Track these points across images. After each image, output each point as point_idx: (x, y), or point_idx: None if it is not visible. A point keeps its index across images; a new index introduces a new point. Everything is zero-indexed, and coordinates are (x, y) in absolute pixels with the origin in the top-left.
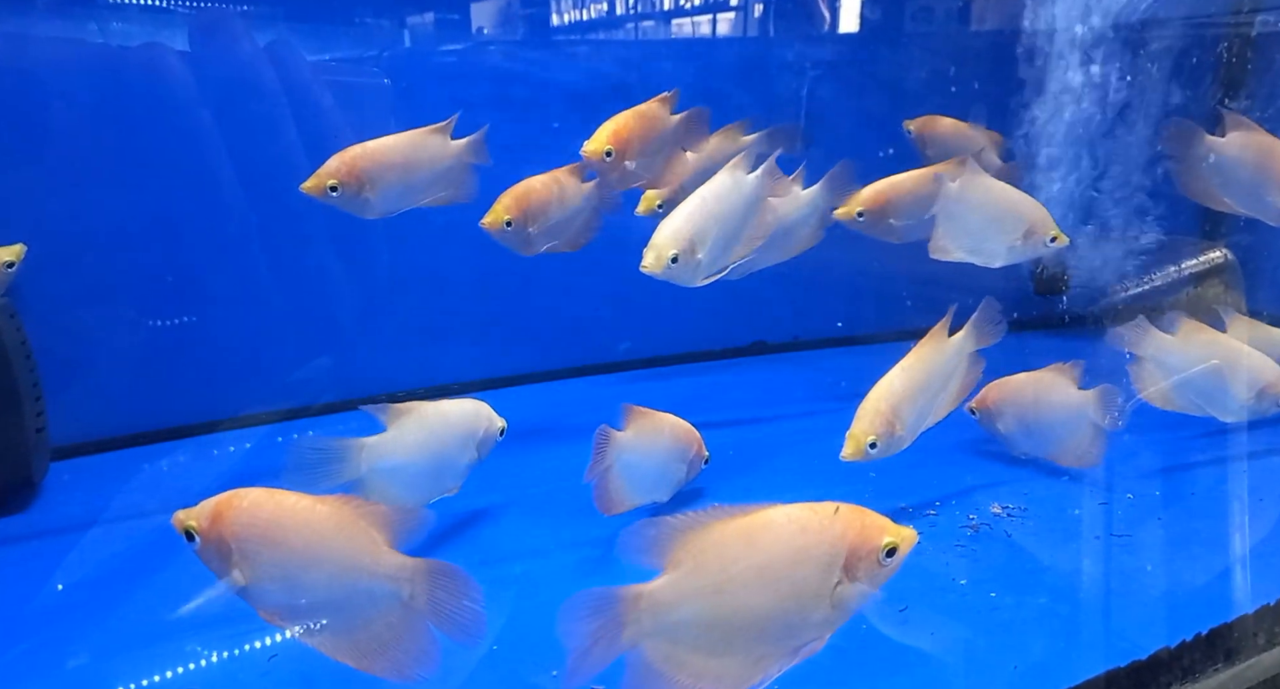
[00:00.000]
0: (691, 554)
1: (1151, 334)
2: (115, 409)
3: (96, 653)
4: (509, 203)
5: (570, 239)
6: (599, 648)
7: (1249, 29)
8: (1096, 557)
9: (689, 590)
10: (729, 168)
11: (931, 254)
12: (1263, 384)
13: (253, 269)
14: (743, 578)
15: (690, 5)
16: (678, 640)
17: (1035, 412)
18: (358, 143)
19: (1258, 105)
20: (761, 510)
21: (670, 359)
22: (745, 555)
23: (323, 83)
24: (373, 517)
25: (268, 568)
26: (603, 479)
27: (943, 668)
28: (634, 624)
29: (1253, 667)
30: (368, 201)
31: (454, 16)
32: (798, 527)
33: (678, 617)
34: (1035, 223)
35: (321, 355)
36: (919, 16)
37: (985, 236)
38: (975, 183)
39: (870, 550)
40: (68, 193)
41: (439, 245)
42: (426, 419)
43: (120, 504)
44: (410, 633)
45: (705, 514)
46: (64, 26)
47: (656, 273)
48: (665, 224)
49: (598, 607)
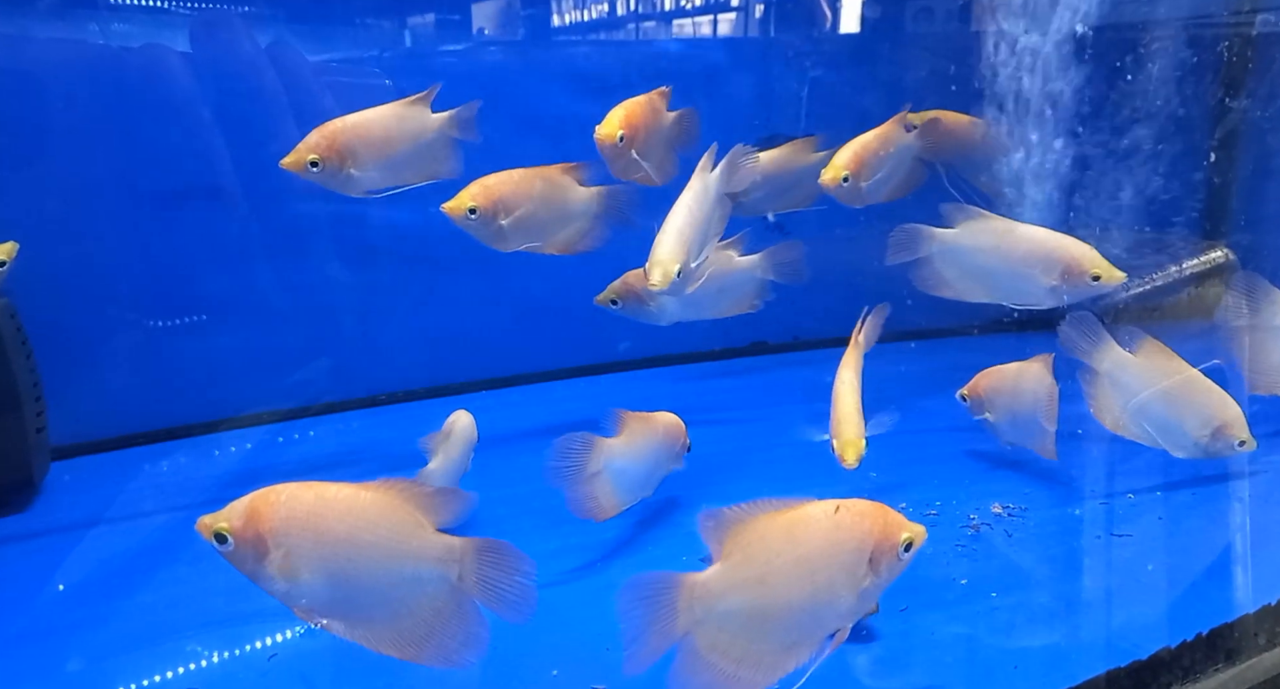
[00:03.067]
0: (740, 546)
1: (1106, 346)
2: (116, 409)
3: (97, 653)
4: (476, 190)
5: (562, 243)
6: (655, 633)
7: (1249, 29)
8: (1097, 556)
9: (737, 581)
10: (699, 171)
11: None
12: (1219, 423)
13: (253, 269)
14: (784, 570)
15: (691, 6)
16: (724, 628)
17: (1018, 400)
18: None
19: (1257, 105)
20: (800, 506)
21: (670, 359)
22: (787, 549)
23: (323, 83)
24: (416, 498)
25: (311, 561)
26: (589, 486)
27: (943, 668)
28: (687, 612)
29: (1253, 667)
30: (350, 177)
31: (454, 17)
32: (832, 523)
33: (726, 606)
34: (1073, 260)
35: (321, 356)
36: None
37: (1014, 282)
38: (992, 230)
39: (891, 546)
40: (68, 194)
41: (439, 245)
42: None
43: (120, 504)
44: (458, 616)
45: (753, 507)
46: (65, 27)
47: (666, 290)
48: (662, 239)
49: (655, 593)
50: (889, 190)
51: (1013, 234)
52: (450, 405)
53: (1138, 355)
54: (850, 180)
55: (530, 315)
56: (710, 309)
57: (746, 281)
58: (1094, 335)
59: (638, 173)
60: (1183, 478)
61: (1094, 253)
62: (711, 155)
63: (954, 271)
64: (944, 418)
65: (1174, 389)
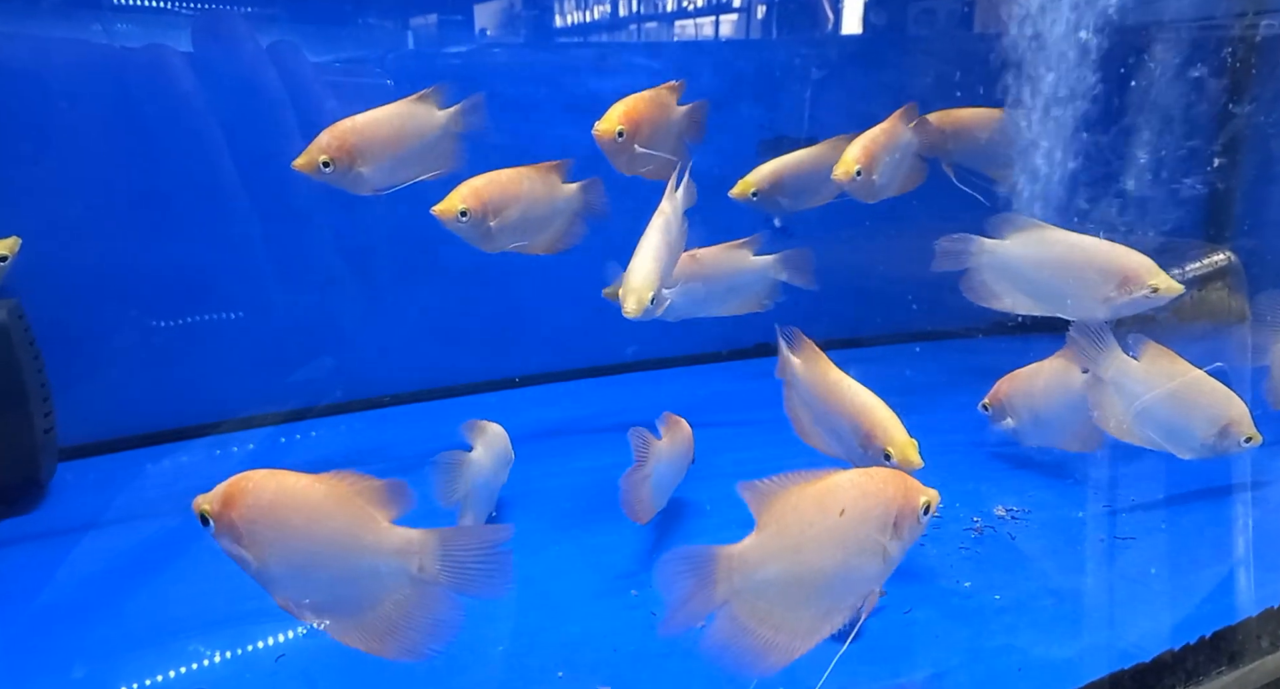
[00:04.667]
0: (774, 517)
1: (1112, 351)
2: (122, 410)
3: (103, 653)
4: (466, 192)
5: (546, 242)
6: (695, 602)
7: (1254, 33)
8: (1101, 559)
9: (774, 550)
10: (667, 195)
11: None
12: (1226, 420)
13: (258, 270)
14: (817, 538)
15: (693, 7)
16: (761, 595)
17: (1045, 399)
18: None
19: (1261, 110)
20: (828, 476)
21: (674, 361)
22: (819, 518)
23: (326, 84)
24: (369, 493)
25: (274, 550)
26: (640, 487)
27: (947, 670)
28: (725, 582)
29: (1256, 669)
30: (360, 176)
31: (457, 18)
32: (860, 491)
33: (764, 575)
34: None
35: (326, 356)
36: (922, 19)
37: (1069, 294)
38: (1044, 240)
39: (913, 510)
40: (73, 194)
41: (443, 246)
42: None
43: (126, 504)
44: (422, 608)
45: (786, 479)
46: (69, 28)
47: (639, 316)
48: (637, 266)
49: (695, 564)
50: (898, 184)
51: (1067, 244)
52: (451, 407)
53: (1141, 360)
54: (862, 174)
55: (534, 317)
56: (720, 307)
57: (759, 281)
58: (1101, 341)
59: (644, 167)
60: (1186, 482)
61: (1151, 263)
62: (675, 176)
63: (1004, 284)
64: (948, 421)
65: (1178, 391)
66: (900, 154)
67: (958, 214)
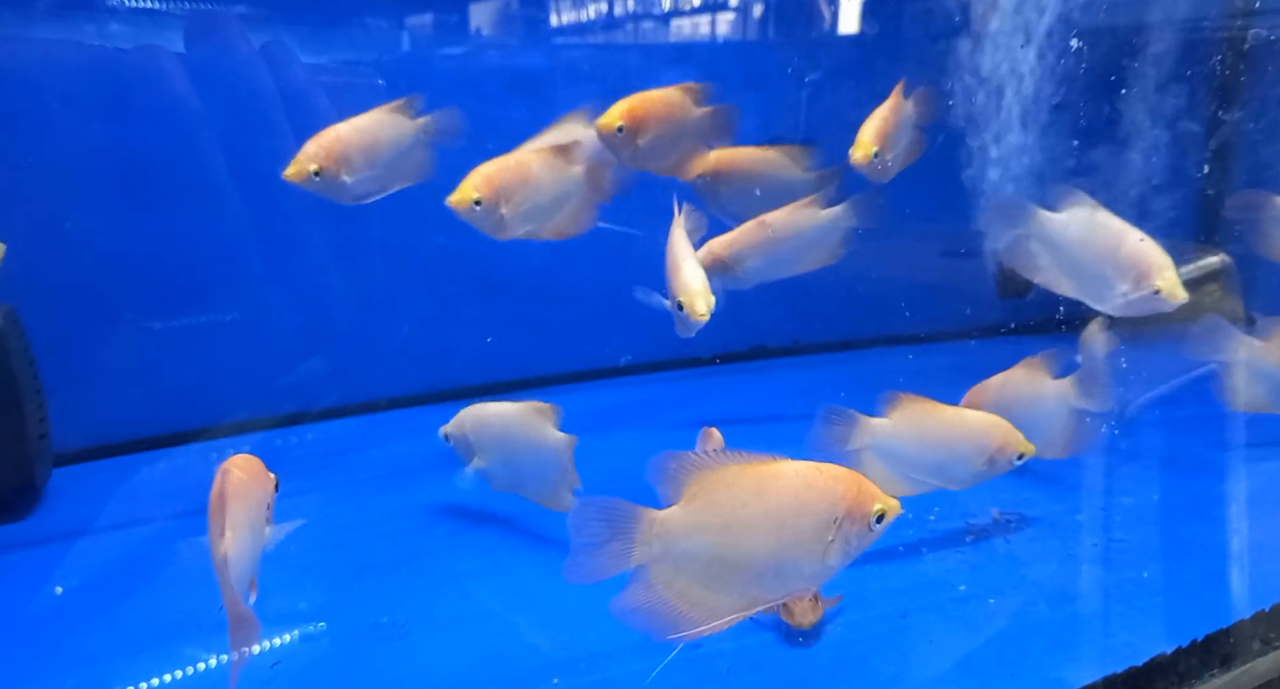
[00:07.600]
0: (705, 490)
1: (1240, 339)
2: (117, 415)
3: (97, 659)
4: (478, 181)
5: (557, 227)
6: (607, 555)
7: (1242, 39)
8: (1094, 563)
9: (699, 523)
10: (677, 217)
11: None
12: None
13: (252, 273)
14: (749, 520)
15: (691, 7)
16: (680, 569)
17: (1014, 408)
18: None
19: (1250, 117)
20: (773, 461)
21: (671, 364)
22: (754, 500)
23: (318, 85)
24: None
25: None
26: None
27: (942, 675)
28: (644, 545)
29: (1249, 672)
30: (344, 185)
31: (452, 18)
32: (804, 482)
33: (685, 546)
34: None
35: (321, 360)
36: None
37: (1093, 280)
38: (1085, 221)
39: (863, 515)
40: (66, 197)
41: (439, 247)
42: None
43: (122, 510)
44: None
45: (722, 456)
46: (62, 29)
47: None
48: (686, 272)
49: (613, 517)
50: (903, 158)
51: (1103, 227)
52: (450, 410)
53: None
54: (879, 155)
55: (533, 320)
56: (796, 265)
57: (832, 232)
58: (1224, 332)
59: (651, 165)
60: (1179, 484)
61: (1170, 265)
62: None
63: (1046, 258)
64: None
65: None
66: (903, 129)
67: (950, 216)
